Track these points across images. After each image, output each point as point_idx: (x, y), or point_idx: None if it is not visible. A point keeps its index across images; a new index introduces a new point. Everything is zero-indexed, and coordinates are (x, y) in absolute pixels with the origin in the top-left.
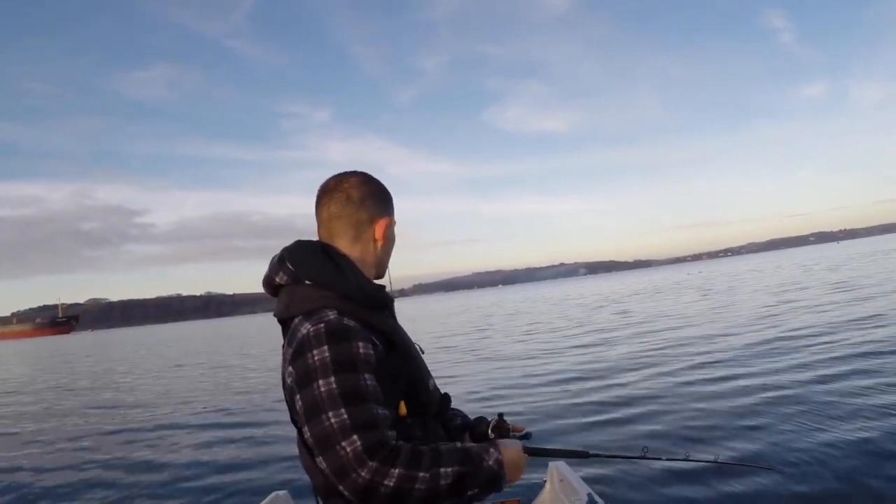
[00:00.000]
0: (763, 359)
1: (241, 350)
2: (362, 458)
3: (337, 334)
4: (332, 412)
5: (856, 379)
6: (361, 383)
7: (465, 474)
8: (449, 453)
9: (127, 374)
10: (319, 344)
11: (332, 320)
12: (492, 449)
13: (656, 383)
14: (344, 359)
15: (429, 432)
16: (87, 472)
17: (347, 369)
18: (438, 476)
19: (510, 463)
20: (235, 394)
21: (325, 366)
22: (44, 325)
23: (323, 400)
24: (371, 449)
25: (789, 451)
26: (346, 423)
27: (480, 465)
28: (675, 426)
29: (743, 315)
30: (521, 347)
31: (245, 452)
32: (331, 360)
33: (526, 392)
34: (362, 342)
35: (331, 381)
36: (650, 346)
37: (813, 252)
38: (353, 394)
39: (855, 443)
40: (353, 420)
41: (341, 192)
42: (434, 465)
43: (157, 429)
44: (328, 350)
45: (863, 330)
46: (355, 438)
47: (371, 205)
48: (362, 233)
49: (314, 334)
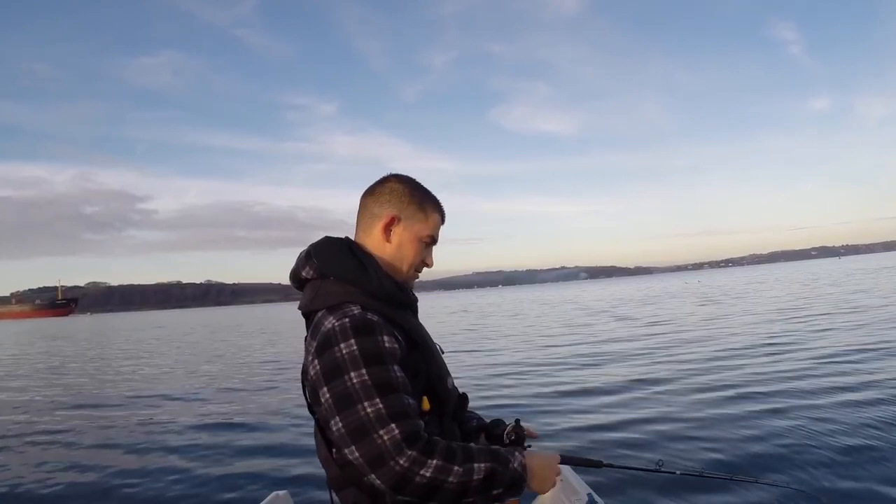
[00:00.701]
0: (782, 376)
1: (242, 341)
2: (401, 446)
3: (362, 328)
4: (368, 402)
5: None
6: (393, 374)
7: (495, 472)
8: (481, 450)
9: (126, 362)
10: (346, 338)
11: (357, 315)
12: (517, 452)
13: (666, 395)
14: (372, 352)
15: (445, 431)
16: (78, 472)
17: (377, 361)
18: (472, 471)
19: (536, 470)
20: (235, 391)
21: (354, 359)
22: (43, 306)
23: (357, 391)
24: (410, 438)
25: (810, 471)
26: (382, 413)
27: (507, 465)
28: (691, 441)
29: (759, 330)
30: (524, 350)
31: (245, 452)
32: (360, 354)
33: (534, 395)
34: (387, 336)
35: (362, 372)
36: (658, 354)
37: (814, 266)
38: (386, 384)
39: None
40: (390, 409)
41: (375, 189)
42: (468, 460)
43: (157, 428)
44: (356, 343)
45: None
46: (393, 427)
47: (385, 205)
48: (374, 233)
49: (339, 328)
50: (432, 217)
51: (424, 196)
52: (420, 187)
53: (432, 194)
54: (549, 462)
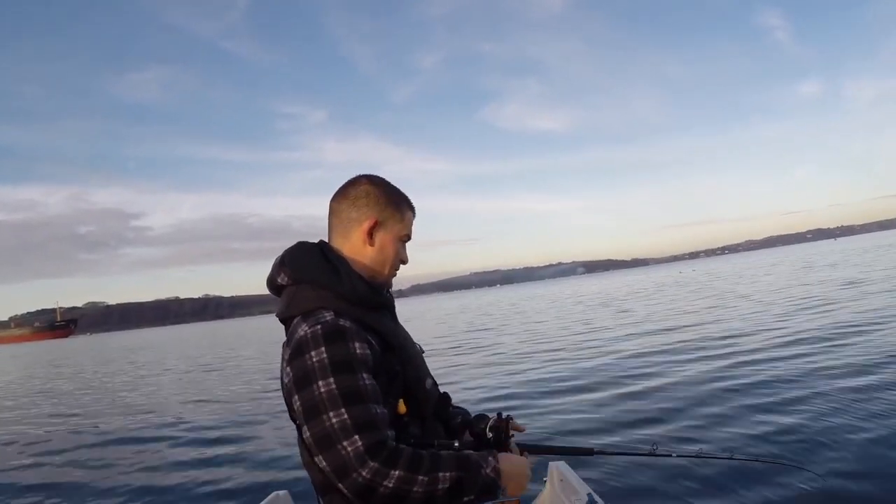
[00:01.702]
0: (774, 354)
1: (238, 350)
2: (363, 458)
3: (333, 335)
4: (333, 412)
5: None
6: (360, 383)
7: (462, 480)
8: (448, 458)
9: (125, 376)
10: (317, 345)
11: (329, 321)
12: (490, 458)
13: (663, 380)
14: (341, 359)
15: (427, 431)
16: (81, 476)
17: (346, 370)
18: (437, 480)
19: (510, 474)
20: (234, 393)
21: (323, 367)
22: (42, 328)
23: (323, 400)
24: (372, 449)
25: (813, 449)
26: (346, 423)
27: (478, 472)
28: (684, 423)
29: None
30: (524, 346)
31: (245, 452)
32: (329, 361)
33: (528, 390)
34: (359, 342)
35: (330, 381)
36: (653, 342)
37: (810, 248)
38: (352, 394)
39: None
40: (354, 420)
41: (348, 192)
42: (433, 469)
43: (155, 430)
44: (325, 351)
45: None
46: (356, 438)
47: (361, 209)
48: (351, 237)
49: (311, 335)
50: (407, 216)
51: (399, 196)
52: (394, 187)
53: (403, 193)
54: (521, 463)
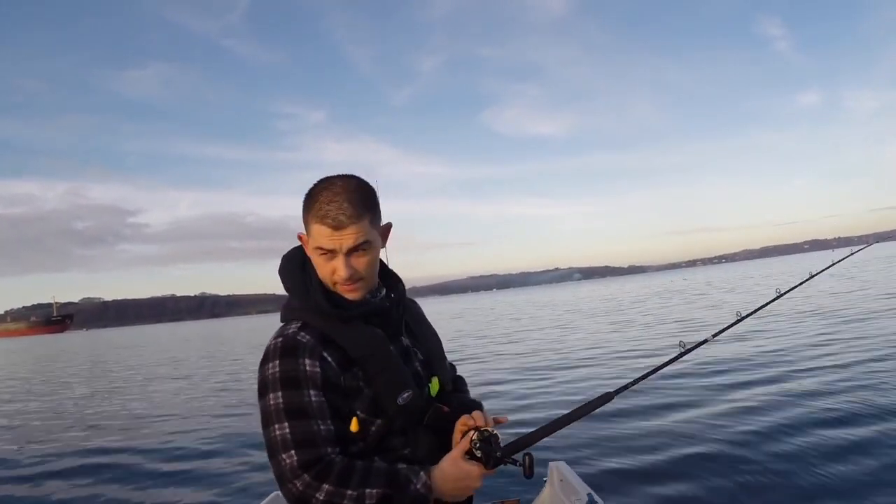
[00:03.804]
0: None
1: (235, 350)
2: (297, 471)
3: (287, 350)
4: (278, 425)
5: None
6: (305, 400)
7: (389, 496)
8: (377, 474)
9: (123, 372)
10: (274, 358)
11: (289, 335)
12: (422, 472)
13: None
14: (290, 375)
15: (410, 442)
16: (75, 472)
17: (292, 385)
18: (364, 496)
19: (443, 488)
20: (234, 392)
21: (275, 380)
22: (38, 323)
23: (271, 412)
24: (306, 464)
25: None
26: (287, 437)
27: (406, 488)
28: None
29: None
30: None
31: (245, 452)
32: (279, 376)
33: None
34: (309, 359)
35: (278, 395)
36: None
37: (807, 259)
38: (295, 410)
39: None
40: (293, 435)
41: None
42: (361, 485)
43: (153, 428)
44: (279, 365)
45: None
46: (293, 453)
47: (304, 215)
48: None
49: (272, 348)
50: (314, 229)
51: (308, 207)
52: (309, 196)
53: (316, 201)
54: (462, 475)
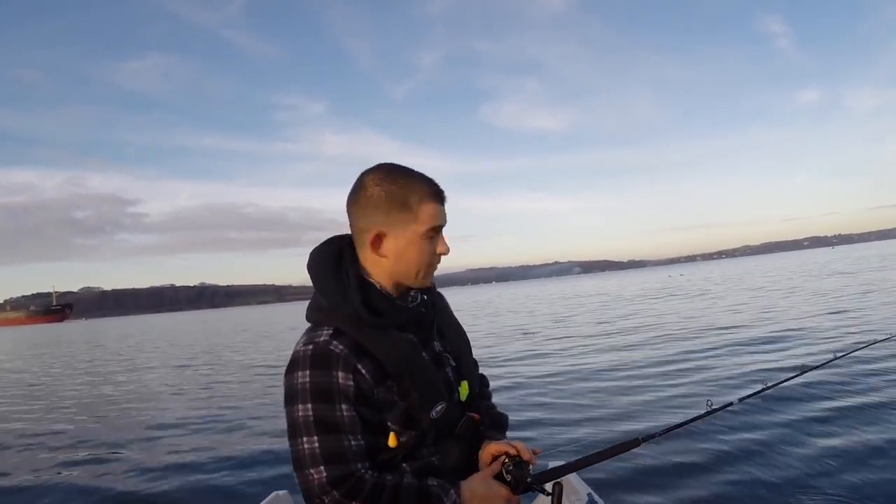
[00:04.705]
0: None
1: (236, 343)
2: (326, 487)
3: (320, 360)
4: (307, 438)
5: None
6: (337, 414)
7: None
8: (408, 493)
9: (122, 365)
10: (304, 367)
11: (321, 343)
12: (452, 491)
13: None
14: (322, 388)
15: (440, 452)
16: (71, 474)
17: (325, 399)
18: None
19: (475, 500)
20: (233, 392)
21: (305, 391)
22: (38, 312)
23: (300, 424)
24: (335, 481)
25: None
26: (316, 452)
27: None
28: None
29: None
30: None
31: (244, 452)
32: (310, 387)
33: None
34: (342, 372)
35: (308, 407)
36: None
37: (807, 256)
38: (328, 423)
39: None
40: (323, 450)
41: (356, 197)
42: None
43: (152, 427)
44: (310, 376)
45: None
46: (322, 469)
47: (370, 213)
48: (362, 245)
49: (302, 355)
50: (424, 209)
51: (406, 190)
52: (398, 180)
53: (416, 180)
54: (491, 494)
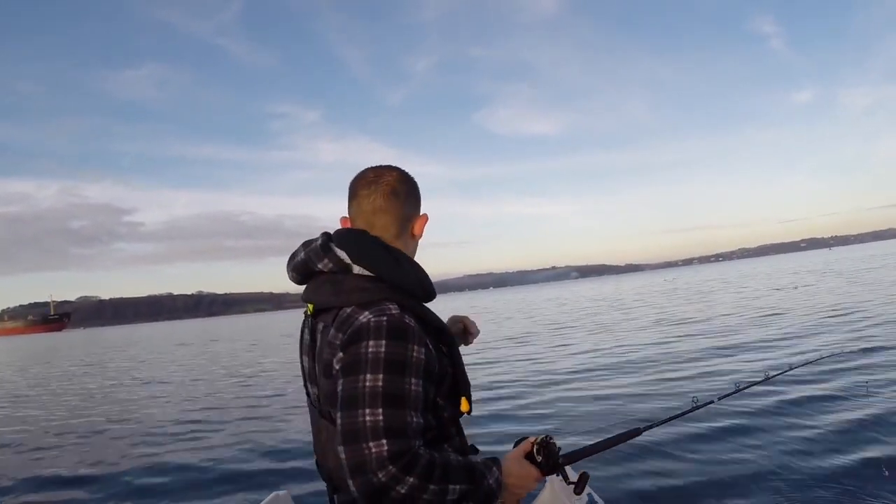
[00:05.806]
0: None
1: (240, 347)
2: (385, 462)
3: (397, 332)
4: (370, 409)
5: None
6: (406, 388)
7: (467, 492)
8: (457, 470)
9: (122, 370)
10: (378, 336)
11: (395, 316)
12: (494, 468)
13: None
14: (397, 359)
15: (450, 434)
16: (75, 473)
17: (397, 371)
18: (446, 491)
19: (511, 479)
20: (233, 392)
21: (377, 360)
22: (36, 322)
23: (364, 394)
24: (395, 456)
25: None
26: (379, 425)
27: (482, 483)
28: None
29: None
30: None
31: (244, 453)
32: (384, 357)
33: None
34: (418, 345)
35: (378, 377)
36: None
37: (804, 258)
38: (397, 396)
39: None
40: (388, 423)
41: (386, 185)
42: (443, 480)
43: (152, 427)
44: (385, 346)
45: None
46: (383, 442)
47: (413, 201)
48: (404, 230)
49: (374, 325)
50: (424, 213)
51: (418, 192)
52: (415, 182)
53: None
54: (525, 473)
